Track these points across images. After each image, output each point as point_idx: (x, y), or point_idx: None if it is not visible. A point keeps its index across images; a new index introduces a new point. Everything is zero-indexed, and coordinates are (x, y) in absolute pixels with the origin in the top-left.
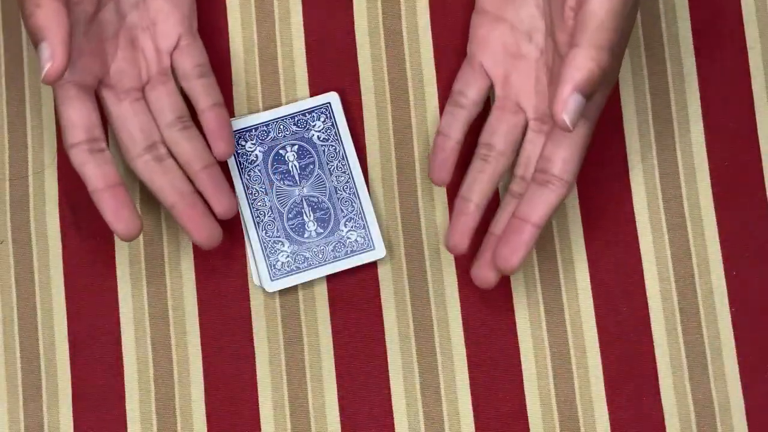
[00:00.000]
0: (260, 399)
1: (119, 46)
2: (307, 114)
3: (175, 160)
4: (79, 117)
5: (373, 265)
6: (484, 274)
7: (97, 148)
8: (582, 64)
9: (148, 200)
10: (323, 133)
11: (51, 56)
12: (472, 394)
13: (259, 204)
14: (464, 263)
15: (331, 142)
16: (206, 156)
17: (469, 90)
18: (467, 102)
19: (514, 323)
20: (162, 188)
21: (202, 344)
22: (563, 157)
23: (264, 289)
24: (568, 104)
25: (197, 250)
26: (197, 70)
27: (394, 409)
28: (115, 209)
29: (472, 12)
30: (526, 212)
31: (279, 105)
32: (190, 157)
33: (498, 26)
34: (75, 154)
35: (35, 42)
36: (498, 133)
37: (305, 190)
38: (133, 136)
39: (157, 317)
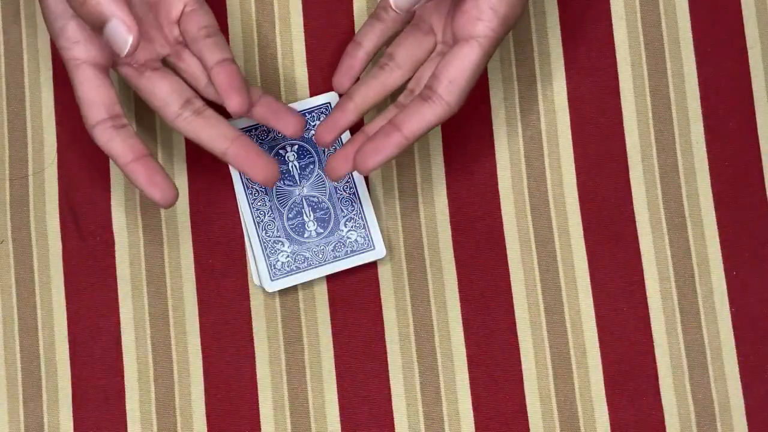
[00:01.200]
0: (260, 399)
1: None
2: (307, 114)
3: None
4: (98, 96)
5: (373, 265)
6: (337, 164)
7: (119, 124)
8: None
9: (149, 200)
10: None
11: (129, 29)
12: (472, 394)
13: (259, 204)
14: (465, 263)
15: None
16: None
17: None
18: (387, 17)
19: (514, 323)
20: (210, 138)
21: (202, 344)
22: (450, 77)
23: (264, 289)
24: None
25: (197, 249)
26: (204, 32)
27: (394, 409)
28: (149, 177)
29: None
30: (400, 120)
31: None
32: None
33: None
34: (99, 132)
35: (99, 25)
36: (403, 47)
37: (305, 190)
38: (166, 99)
39: (157, 317)
